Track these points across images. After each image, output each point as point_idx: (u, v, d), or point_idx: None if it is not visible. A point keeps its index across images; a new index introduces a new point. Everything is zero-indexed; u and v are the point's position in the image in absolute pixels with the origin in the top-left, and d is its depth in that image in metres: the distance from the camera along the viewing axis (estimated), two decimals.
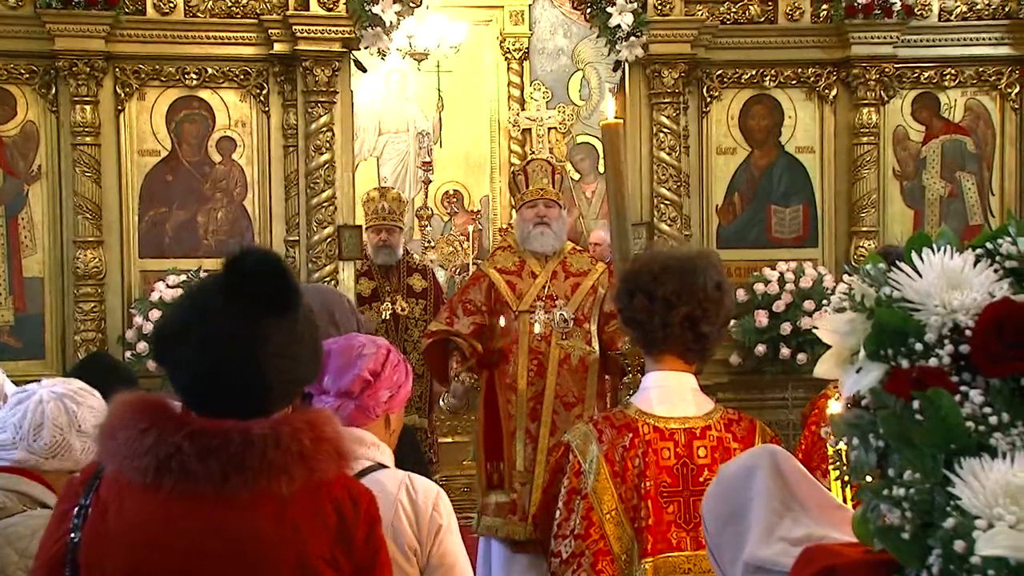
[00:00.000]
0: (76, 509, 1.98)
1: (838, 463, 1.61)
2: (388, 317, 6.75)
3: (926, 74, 7.14)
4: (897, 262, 1.50)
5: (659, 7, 6.71)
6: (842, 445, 1.53)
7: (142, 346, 6.31)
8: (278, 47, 6.59)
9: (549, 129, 10.82)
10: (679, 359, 2.86)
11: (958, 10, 7.09)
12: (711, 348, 2.87)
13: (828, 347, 1.56)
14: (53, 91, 6.54)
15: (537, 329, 5.46)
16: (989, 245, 1.51)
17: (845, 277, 1.58)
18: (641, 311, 2.79)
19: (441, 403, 6.35)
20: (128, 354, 6.37)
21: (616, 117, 3.61)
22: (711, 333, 2.81)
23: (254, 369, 1.94)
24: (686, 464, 2.80)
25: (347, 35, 6.55)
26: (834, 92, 7.05)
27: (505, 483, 5.46)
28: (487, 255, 7.68)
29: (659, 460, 2.79)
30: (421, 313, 6.85)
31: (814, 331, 1.68)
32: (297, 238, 6.70)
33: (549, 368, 5.45)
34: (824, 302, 6.38)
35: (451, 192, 11.34)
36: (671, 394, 2.86)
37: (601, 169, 10.08)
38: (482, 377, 5.54)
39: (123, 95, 6.60)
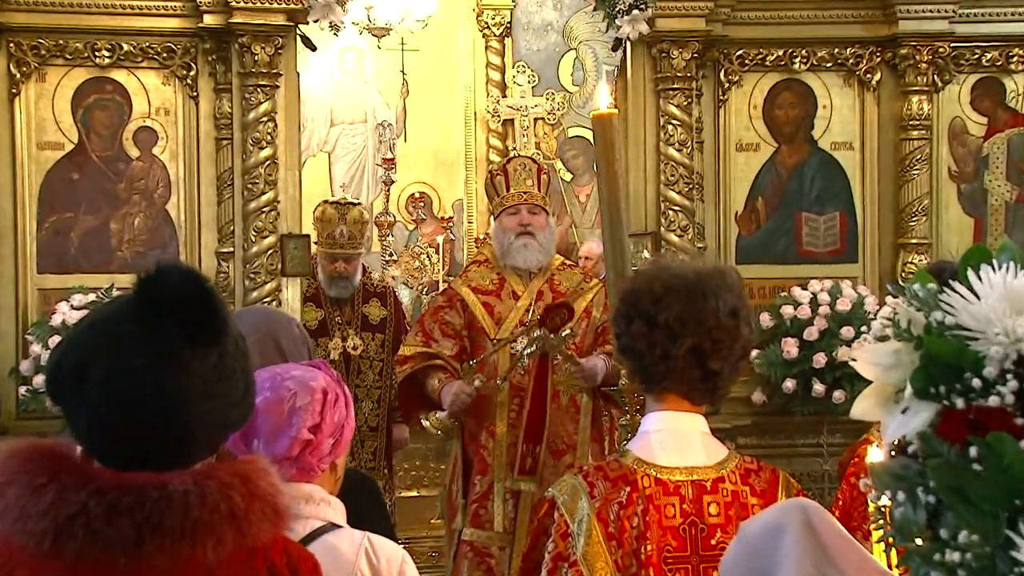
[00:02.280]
0: None
1: (881, 522, 1.61)
2: (338, 357, 6.54)
3: (988, 55, 7.16)
4: (951, 281, 1.50)
5: None
6: (885, 500, 1.53)
7: (39, 379, 6.24)
8: (209, 19, 6.56)
9: (535, 120, 10.87)
10: (684, 399, 2.83)
11: None
12: (723, 387, 2.83)
13: (869, 383, 1.56)
14: None
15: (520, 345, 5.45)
16: None
17: (889, 299, 1.59)
18: (639, 339, 2.77)
19: (425, 423, 6.21)
20: (23, 390, 6.33)
21: (612, 106, 3.62)
22: (723, 370, 2.77)
23: (174, 414, 1.93)
24: (695, 524, 2.79)
25: (293, 6, 6.54)
26: (877, 77, 7.07)
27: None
28: (460, 271, 7.69)
29: (662, 519, 2.78)
30: (377, 351, 6.67)
31: (852, 364, 1.68)
32: (231, 249, 6.65)
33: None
34: (864, 329, 6.40)
35: (417, 195, 11.38)
36: (676, 439, 2.84)
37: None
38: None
39: (19, 76, 6.57)
